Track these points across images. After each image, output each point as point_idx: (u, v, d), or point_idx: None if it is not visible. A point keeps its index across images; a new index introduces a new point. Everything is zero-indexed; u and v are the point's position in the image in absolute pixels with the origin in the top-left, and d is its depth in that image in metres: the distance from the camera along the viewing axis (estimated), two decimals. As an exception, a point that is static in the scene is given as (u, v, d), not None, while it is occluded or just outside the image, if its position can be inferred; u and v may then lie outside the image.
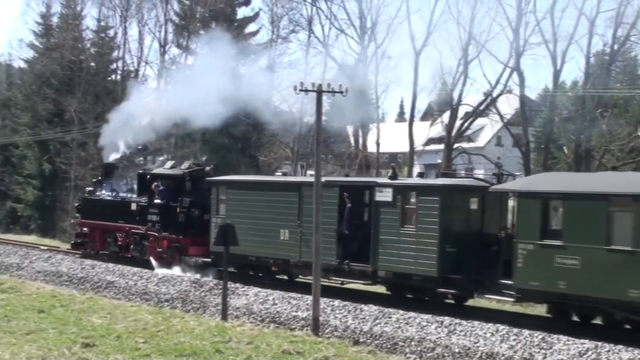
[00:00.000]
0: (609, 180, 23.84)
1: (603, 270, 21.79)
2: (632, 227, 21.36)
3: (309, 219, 28.15)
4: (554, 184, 24.68)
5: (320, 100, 26.08)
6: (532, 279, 23.27)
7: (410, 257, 26.33)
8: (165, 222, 35.34)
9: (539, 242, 23.16)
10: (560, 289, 22.55)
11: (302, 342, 22.36)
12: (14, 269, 37.89)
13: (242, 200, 32.31)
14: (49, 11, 77.01)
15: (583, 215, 22.31)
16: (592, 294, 22.03)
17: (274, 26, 60.45)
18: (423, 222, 26.14)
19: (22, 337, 20.73)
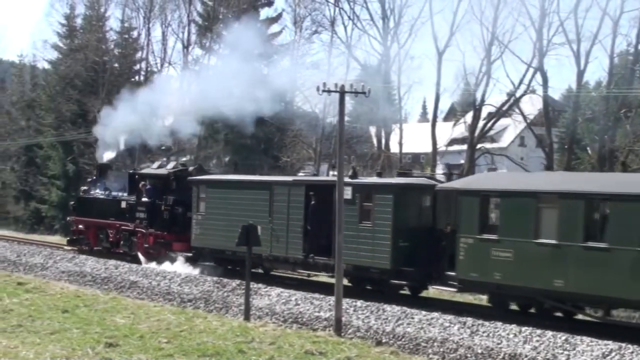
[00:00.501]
0: (540, 179, 26.42)
1: (532, 262, 23.60)
2: (557, 222, 23.28)
3: (278, 216, 31.05)
4: (491, 182, 26.89)
5: (342, 100, 26.07)
6: (472, 270, 25.13)
7: (368, 251, 28.05)
8: (151, 219, 37.13)
9: (477, 237, 25.02)
10: (496, 280, 24.24)
11: (325, 343, 22.36)
12: (38, 269, 38.09)
13: (220, 198, 34.00)
14: (73, 12, 77.40)
15: (516, 211, 24.11)
16: (524, 284, 23.84)
17: (296, 27, 60.50)
18: (378, 219, 27.86)
19: (46, 337, 20.83)
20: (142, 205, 37.82)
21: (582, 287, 22.61)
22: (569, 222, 23.08)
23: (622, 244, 21.78)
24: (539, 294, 24.05)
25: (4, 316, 24.06)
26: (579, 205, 23.04)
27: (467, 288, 26.66)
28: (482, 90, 50.83)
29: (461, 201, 25.88)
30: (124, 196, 39.95)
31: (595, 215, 23.10)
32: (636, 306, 23.86)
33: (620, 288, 21.70)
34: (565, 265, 23.00)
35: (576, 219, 22.95)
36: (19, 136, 76.62)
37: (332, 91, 26.42)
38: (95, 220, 41.10)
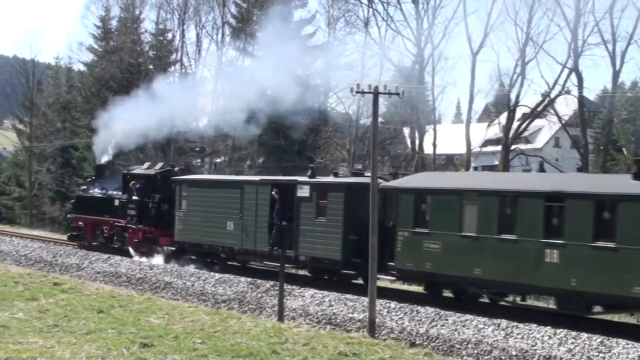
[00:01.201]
0: (465, 179, 29.27)
1: (456, 253, 26.16)
2: (477, 216, 25.84)
3: (248, 212, 33.80)
4: (424, 181, 29.36)
5: (376, 102, 26.06)
6: (408, 261, 27.58)
7: (322, 243, 30.43)
8: (140, 216, 39.80)
9: (412, 230, 27.50)
10: (427, 269, 26.71)
11: (359, 344, 22.35)
12: (74, 269, 38.37)
13: (199, 196, 36.72)
14: (108, 15, 78.04)
15: (443, 207, 26.74)
16: (449, 272, 26.35)
17: (330, 28, 60.55)
18: (331, 214, 30.30)
19: (81, 337, 20.95)
20: (132, 203, 40.37)
21: (497, 275, 25.23)
22: (486, 216, 25.64)
23: (528, 236, 24.25)
24: (463, 281, 26.54)
25: (40, 316, 24.24)
26: (494, 202, 25.65)
27: (404, 277, 29.28)
28: (517, 91, 50.74)
29: (399, 198, 28.35)
30: (117, 195, 42.48)
31: (507, 210, 25.43)
32: (540, 292, 26.65)
33: (527, 275, 24.20)
34: (483, 256, 25.52)
35: (492, 214, 25.54)
36: (55, 137, 77.34)
37: (366, 92, 26.43)
38: (92, 218, 43.73)
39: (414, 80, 51.42)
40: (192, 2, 70.45)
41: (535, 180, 27.26)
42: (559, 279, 23.45)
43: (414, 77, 52.76)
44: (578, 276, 23.20)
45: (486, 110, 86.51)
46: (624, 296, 22.47)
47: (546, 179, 27.68)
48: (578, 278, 23.19)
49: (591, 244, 22.96)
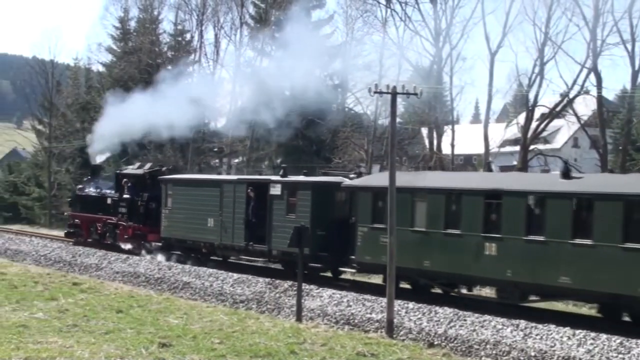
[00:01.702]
0: (418, 178, 30.84)
1: (409, 247, 27.92)
2: (426, 213, 28.05)
3: (226, 210, 35.89)
4: (381, 180, 30.19)
5: (394, 102, 26.04)
6: (366, 254, 29.66)
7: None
8: (130, 213, 42.09)
9: (370, 226, 29.57)
10: (383, 262, 27.12)
11: (377, 345, 22.34)
12: (93, 269, 38.53)
13: (183, 195, 38.87)
14: (127, 16, 78.26)
15: (398, 204, 26.91)
16: (403, 265, 27.35)
17: (348, 28, 60.48)
18: (300, 211, 32.24)
19: (100, 337, 21.03)
20: (123, 201, 42.71)
21: (444, 267, 27.38)
22: (434, 213, 27.90)
23: (470, 231, 26.27)
24: (414, 273, 28.73)
25: (59, 316, 24.35)
26: (441, 200, 27.84)
27: (364, 269, 31.40)
28: (535, 91, 50.50)
29: (359, 196, 30.58)
30: (110, 193, 44.68)
31: (452, 207, 27.62)
32: (482, 282, 28.41)
33: (470, 267, 25.91)
34: (431, 249, 27.78)
35: (439, 210, 27.77)
36: (74, 138, 77.52)
37: (384, 92, 26.43)
38: (87, 215, 45.99)
39: (432, 80, 51.28)
40: (210, 2, 70.57)
41: (478, 179, 29.71)
42: (497, 271, 25.30)
43: (432, 77, 52.62)
44: (513, 267, 25.21)
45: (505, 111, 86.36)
46: (552, 285, 24.49)
47: (487, 178, 29.44)
48: (513, 269, 25.21)
49: (524, 237, 24.96)
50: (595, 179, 26.69)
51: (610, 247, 22.87)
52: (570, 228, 24.07)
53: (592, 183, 25.23)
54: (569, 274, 23.88)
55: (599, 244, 23.26)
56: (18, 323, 22.55)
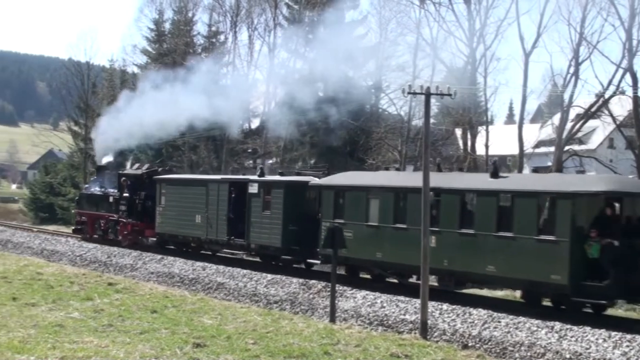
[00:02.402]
0: (372, 177, 34.20)
1: (364, 240, 31.02)
2: (378, 209, 30.74)
3: (211, 207, 38.68)
4: (342, 179, 33.87)
5: (428, 102, 26.00)
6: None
7: (267, 233, 35.07)
8: (129, 211, 44.94)
9: (332, 221, 31.70)
10: (343, 254, 29.65)
11: (411, 346, 22.32)
12: (128, 269, 38.78)
13: (175, 193, 41.75)
14: (162, 18, 78.64)
15: (355, 201, 31.58)
16: (360, 256, 31.37)
17: (382, 29, 60.40)
18: (274, 208, 34.95)
19: (135, 337, 21.16)
20: (123, 199, 45.56)
21: (393, 258, 30.00)
22: (385, 209, 30.58)
23: (415, 225, 27.86)
24: (369, 263, 31.84)
25: (95, 315, 24.53)
26: (390, 197, 30.53)
27: (327, 261, 32.11)
28: (570, 92, 50.23)
29: (323, 194, 33.27)
30: (112, 192, 47.46)
31: (400, 204, 30.17)
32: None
33: (414, 258, 26.88)
34: (383, 242, 30.37)
35: (389, 207, 30.45)
36: (109, 139, 77.91)
37: (418, 93, 26.42)
38: (92, 213, 48.90)
39: (466, 81, 51.10)
40: (244, 4, 70.81)
41: (417, 177, 30.01)
42: (436, 260, 26.95)
43: (466, 78, 52.44)
44: (449, 258, 27.78)
45: (539, 111, 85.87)
46: (481, 274, 27.14)
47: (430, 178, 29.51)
48: (449, 259, 27.79)
49: (458, 230, 27.64)
50: (518, 179, 29.59)
51: (527, 239, 25.17)
52: (495, 222, 26.62)
53: (514, 182, 27.98)
54: (494, 263, 26.46)
55: (518, 236, 25.73)
56: (54, 323, 22.75)
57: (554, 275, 24.74)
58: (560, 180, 28.08)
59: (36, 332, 21.02)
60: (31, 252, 46.39)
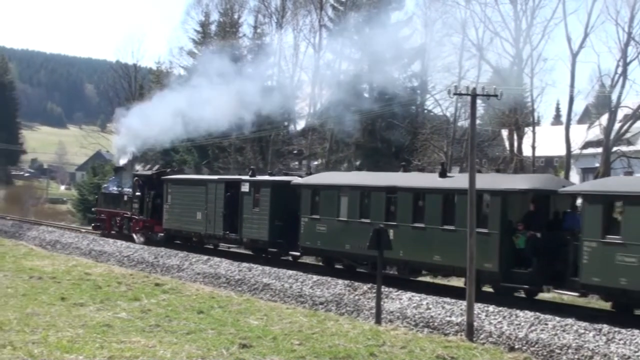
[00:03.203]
0: (342, 177, 38.98)
1: (335, 233, 34.41)
2: (347, 206, 34.04)
3: (210, 204, 42.19)
4: (319, 179, 38.06)
5: (474, 103, 25.90)
6: (307, 240, 35.94)
7: (257, 228, 38.65)
8: (141, 208, 48.58)
9: (310, 217, 35.64)
10: (318, 246, 35.38)
11: (457, 348, 22.25)
12: (175, 270, 39.04)
13: (179, 192, 45.39)
14: (208, 20, 79.03)
15: (328, 199, 35.23)
16: (332, 248, 34.96)
17: (427, 30, 60.23)
18: (262, 205, 38.50)
19: (182, 337, 21.31)
20: (135, 198, 49.28)
21: (358, 250, 32.24)
22: (352, 206, 33.85)
23: (376, 220, 31.68)
24: (339, 255, 35.21)
25: (142, 316, 24.74)
26: (357, 195, 33.78)
27: (306, 253, 37.70)
28: (618, 92, 49.67)
29: (302, 193, 36.54)
30: (127, 191, 51.17)
31: (365, 201, 33.42)
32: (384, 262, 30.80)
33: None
34: (350, 235, 33.33)
35: (355, 204, 33.66)
36: (156, 141, 78.50)
37: (464, 94, 26.32)
38: (109, 210, 53.05)
39: (513, 81, 50.76)
40: (289, 6, 70.98)
41: (383, 178, 35.25)
42: (394, 251, 29.20)
43: (512, 78, 52.10)
44: (404, 249, 30.72)
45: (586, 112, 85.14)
46: (429, 263, 30.50)
47: (389, 177, 35.39)
48: (404, 250, 30.75)
49: (411, 224, 30.92)
50: (461, 178, 30.91)
51: (466, 232, 26.15)
52: (440, 217, 29.81)
53: (456, 181, 30.35)
54: (440, 254, 29.74)
55: (459, 229, 28.33)
56: (102, 322, 22.98)
57: (487, 263, 27.63)
58: (494, 179, 30.44)
59: (84, 332, 21.24)
60: (79, 252, 46.93)
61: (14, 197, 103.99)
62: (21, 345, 18.93)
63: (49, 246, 50.84)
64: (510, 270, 27.37)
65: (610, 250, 24.33)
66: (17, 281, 32.01)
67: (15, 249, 47.38)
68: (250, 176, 40.49)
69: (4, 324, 22.01)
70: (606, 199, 25.06)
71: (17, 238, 56.01)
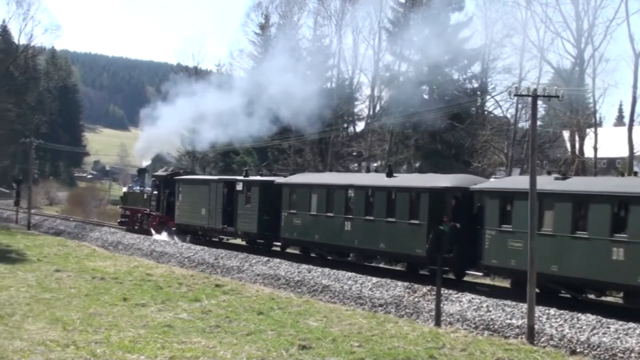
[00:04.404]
0: (314, 177, 45.28)
1: (307, 226, 39.55)
2: (316, 202, 39.08)
3: (212, 201, 47.31)
4: (296, 179, 43.65)
5: (535, 104, 25.69)
6: (287, 232, 41.21)
7: (249, 222, 43.82)
8: (158, 205, 54.28)
9: (289, 211, 40.88)
10: (295, 237, 40.87)
11: (517, 351, 22.09)
12: (235, 271, 39.25)
13: (187, 190, 50.85)
14: (267, 22, 79.36)
15: (303, 196, 40.17)
16: (305, 239, 40.18)
17: (487, 31, 59.84)
18: (253, 202, 43.74)
19: (242, 338, 21.45)
20: (153, 196, 55.03)
21: (324, 240, 38.56)
22: (320, 202, 38.88)
23: (337, 214, 37.54)
24: (310, 244, 40.50)
25: (203, 316, 24.96)
26: (323, 192, 38.88)
27: (285, 244, 43.46)
28: (683, 92, 48.91)
29: (282, 190, 41.78)
30: (147, 191, 56.77)
31: (330, 198, 38.34)
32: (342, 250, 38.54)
33: (338, 239, 37.58)
34: (319, 227, 38.86)
35: (322, 200, 38.73)
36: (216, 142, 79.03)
37: (524, 95, 26.13)
38: (133, 208, 59.05)
39: (574, 82, 50.27)
40: (349, 7, 70.96)
41: (343, 177, 42.77)
42: (350, 241, 36.56)
43: (574, 79, 51.60)
44: (358, 238, 36.13)
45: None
46: (377, 250, 35.61)
47: (347, 177, 43.58)
48: (358, 239, 36.14)
49: (363, 217, 35.86)
50: (402, 179, 37.23)
51: (403, 223, 33.57)
52: (385, 210, 34.78)
53: (398, 181, 35.84)
54: (384, 242, 34.71)
55: (398, 221, 33.89)
56: (163, 323, 23.24)
57: (418, 249, 32.77)
58: (425, 178, 36.51)
59: (146, 332, 21.50)
60: (141, 253, 47.42)
61: (77, 199, 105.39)
62: (84, 345, 19.23)
63: (111, 247, 51.47)
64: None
65: (504, 237, 29.44)
66: (80, 281, 32.49)
67: (78, 249, 48.07)
68: (244, 177, 45.88)
69: (68, 323, 22.37)
70: (502, 195, 30.04)
71: (80, 239, 56.79)
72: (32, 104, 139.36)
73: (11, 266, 36.88)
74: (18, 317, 23.23)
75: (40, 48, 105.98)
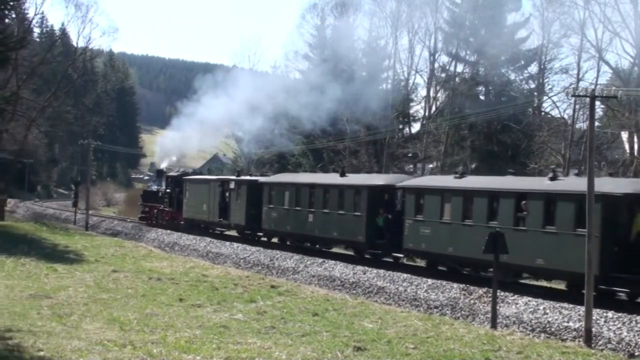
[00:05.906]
0: (288, 177, 51.71)
1: (282, 218, 45.86)
2: (288, 197, 45.33)
3: (211, 198, 53.68)
4: (276, 179, 50.98)
5: (593, 105, 25.42)
6: (267, 224, 47.56)
7: (239, 215, 50.47)
8: (170, 202, 61.43)
9: (269, 206, 47.11)
10: (272, 228, 47.19)
11: (574, 354, 21.87)
12: (290, 273, 39.36)
13: (193, 188, 57.31)
14: (323, 24, 79.46)
15: (279, 193, 46.43)
16: (281, 230, 46.51)
17: (544, 31, 59.33)
18: (241, 198, 50.18)
19: (297, 339, 21.48)
20: (166, 194, 62.07)
21: (294, 229, 45.08)
22: (291, 197, 45.10)
23: (303, 207, 43.98)
24: (284, 234, 47.07)
25: (258, 317, 25.04)
26: (293, 189, 45.06)
27: (267, 235, 48.94)
28: None
29: (264, 188, 48.22)
30: (162, 189, 63.07)
31: (299, 194, 44.58)
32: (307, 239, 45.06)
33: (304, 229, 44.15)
34: (290, 219, 45.12)
35: (293, 196, 44.80)
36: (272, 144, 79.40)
37: (582, 96, 25.89)
38: (150, 204, 65.42)
39: (633, 82, 49.63)
40: (405, 8, 70.83)
41: (309, 177, 51.20)
42: (312, 230, 43.18)
43: (633, 79, 50.95)
44: (318, 228, 42.57)
45: None
46: (330, 238, 42.15)
47: (314, 177, 50.76)
48: (318, 229, 42.60)
49: (322, 210, 42.12)
50: (351, 178, 43.19)
51: (349, 215, 39.92)
52: (337, 205, 40.95)
53: (346, 179, 42.32)
54: (336, 231, 41.06)
55: (347, 213, 40.08)
56: (219, 324, 23.35)
57: (360, 236, 39.27)
58: (366, 178, 43.68)
59: (202, 333, 21.62)
60: (197, 254, 47.75)
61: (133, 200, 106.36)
62: (141, 345, 19.39)
63: (167, 248, 51.91)
64: (374, 241, 38.52)
65: (418, 225, 35.56)
66: (137, 282, 32.76)
67: (135, 250, 48.49)
68: (236, 177, 53.03)
69: (125, 323, 22.58)
70: (416, 191, 36.38)
71: (136, 240, 57.32)
72: (90, 106, 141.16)
73: (69, 266, 37.30)
74: (76, 317, 23.48)
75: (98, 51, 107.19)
